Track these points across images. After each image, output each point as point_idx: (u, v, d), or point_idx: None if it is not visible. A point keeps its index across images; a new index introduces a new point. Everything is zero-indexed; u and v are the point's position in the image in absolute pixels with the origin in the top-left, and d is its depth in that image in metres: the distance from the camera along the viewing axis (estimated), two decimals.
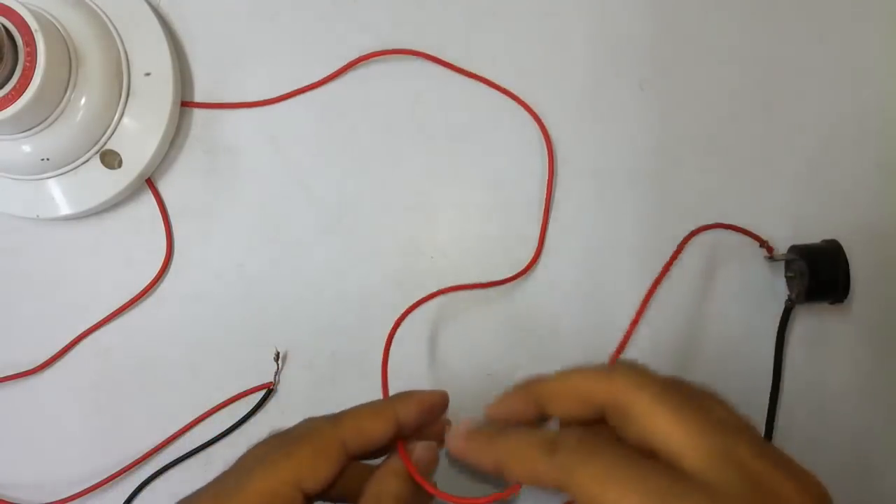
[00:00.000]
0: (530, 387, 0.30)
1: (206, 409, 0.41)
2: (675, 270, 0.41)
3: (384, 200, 0.42)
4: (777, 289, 0.41)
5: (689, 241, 0.41)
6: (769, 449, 0.25)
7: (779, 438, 0.40)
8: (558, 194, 0.42)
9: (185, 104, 0.42)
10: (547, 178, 0.42)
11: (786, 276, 0.41)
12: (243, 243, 0.42)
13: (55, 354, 0.41)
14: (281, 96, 0.42)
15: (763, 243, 0.41)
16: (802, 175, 0.42)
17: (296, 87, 0.42)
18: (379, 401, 0.32)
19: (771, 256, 0.41)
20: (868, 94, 0.43)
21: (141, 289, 0.41)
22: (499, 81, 0.42)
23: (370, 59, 0.42)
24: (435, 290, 0.39)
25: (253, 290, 0.42)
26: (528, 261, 0.41)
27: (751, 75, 0.43)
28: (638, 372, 0.27)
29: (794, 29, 0.43)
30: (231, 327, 0.42)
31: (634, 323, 0.40)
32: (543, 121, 0.42)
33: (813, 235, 0.41)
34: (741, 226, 0.41)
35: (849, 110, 0.43)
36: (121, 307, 0.41)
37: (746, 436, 0.25)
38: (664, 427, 0.25)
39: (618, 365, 0.28)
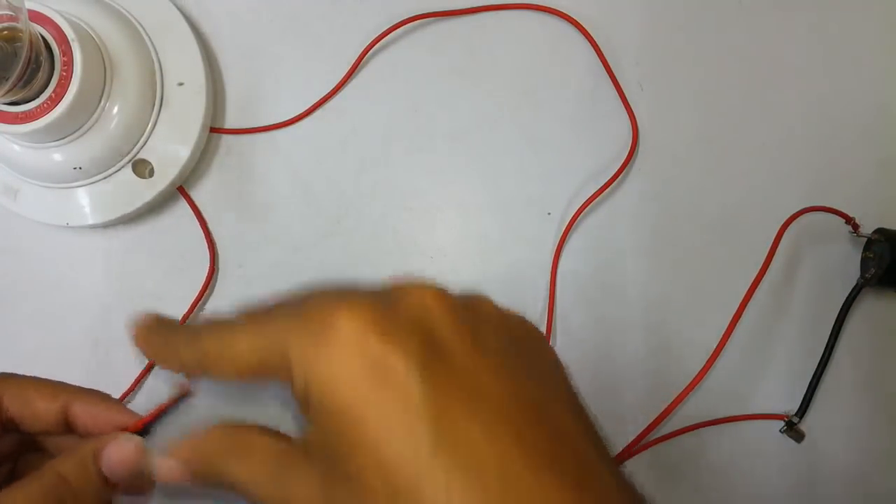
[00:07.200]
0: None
1: None
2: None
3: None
4: (847, 270, 0.41)
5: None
6: None
7: (814, 410, 0.40)
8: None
9: (215, 130, 0.42)
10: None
11: (862, 256, 0.41)
12: (281, 246, 0.42)
13: None
14: (309, 109, 0.42)
15: (849, 220, 0.40)
16: None
17: (323, 94, 0.42)
18: (53, 381, 0.28)
19: (856, 233, 0.41)
20: None
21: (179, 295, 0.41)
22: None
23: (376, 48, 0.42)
24: None
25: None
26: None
27: None
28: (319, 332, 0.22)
29: None
30: None
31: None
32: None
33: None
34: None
35: None
36: None
37: None
38: None
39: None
